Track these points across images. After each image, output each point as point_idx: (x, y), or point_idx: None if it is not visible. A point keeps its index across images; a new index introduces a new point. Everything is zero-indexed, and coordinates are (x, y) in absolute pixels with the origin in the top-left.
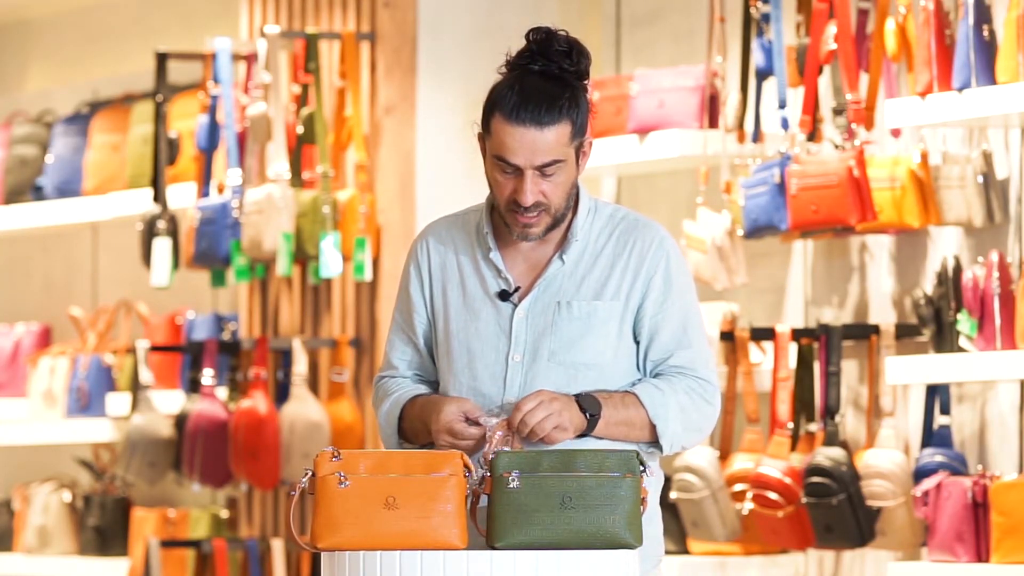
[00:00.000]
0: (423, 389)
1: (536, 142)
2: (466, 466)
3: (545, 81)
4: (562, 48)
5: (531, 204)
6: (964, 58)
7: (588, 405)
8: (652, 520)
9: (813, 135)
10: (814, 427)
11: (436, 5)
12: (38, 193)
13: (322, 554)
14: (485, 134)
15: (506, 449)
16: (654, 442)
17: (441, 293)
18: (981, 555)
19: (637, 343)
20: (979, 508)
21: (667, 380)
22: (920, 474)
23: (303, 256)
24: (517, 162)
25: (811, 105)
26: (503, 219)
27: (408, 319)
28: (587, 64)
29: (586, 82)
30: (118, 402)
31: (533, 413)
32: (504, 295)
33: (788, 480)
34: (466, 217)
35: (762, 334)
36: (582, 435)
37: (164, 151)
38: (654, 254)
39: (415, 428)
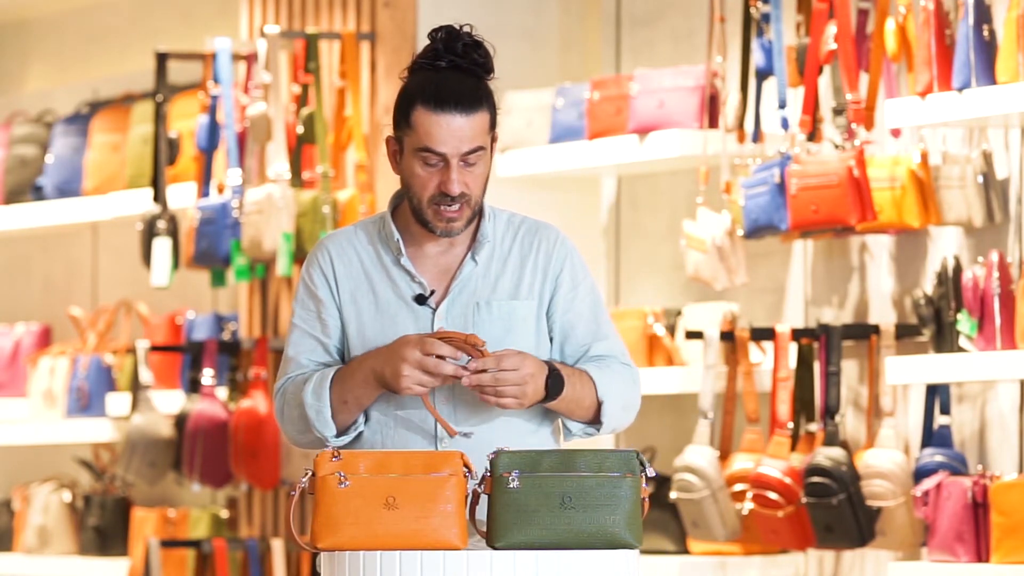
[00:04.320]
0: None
1: (462, 129)
2: (466, 466)
3: (460, 73)
4: (467, 43)
5: (458, 194)
6: (964, 58)
7: (554, 385)
8: None
9: (813, 135)
10: (814, 427)
11: (436, 5)
12: (38, 193)
13: (322, 554)
14: (402, 132)
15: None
16: (591, 422)
17: (351, 301)
18: (981, 555)
19: (551, 340)
20: (979, 508)
21: (604, 363)
22: (920, 474)
23: (303, 256)
24: (444, 150)
25: (811, 105)
26: (421, 218)
27: (319, 321)
28: (492, 59)
29: (492, 77)
30: (118, 402)
31: (505, 376)
32: (421, 299)
33: (788, 480)
34: (362, 228)
35: (762, 334)
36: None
37: (164, 151)
38: (557, 253)
39: (354, 395)
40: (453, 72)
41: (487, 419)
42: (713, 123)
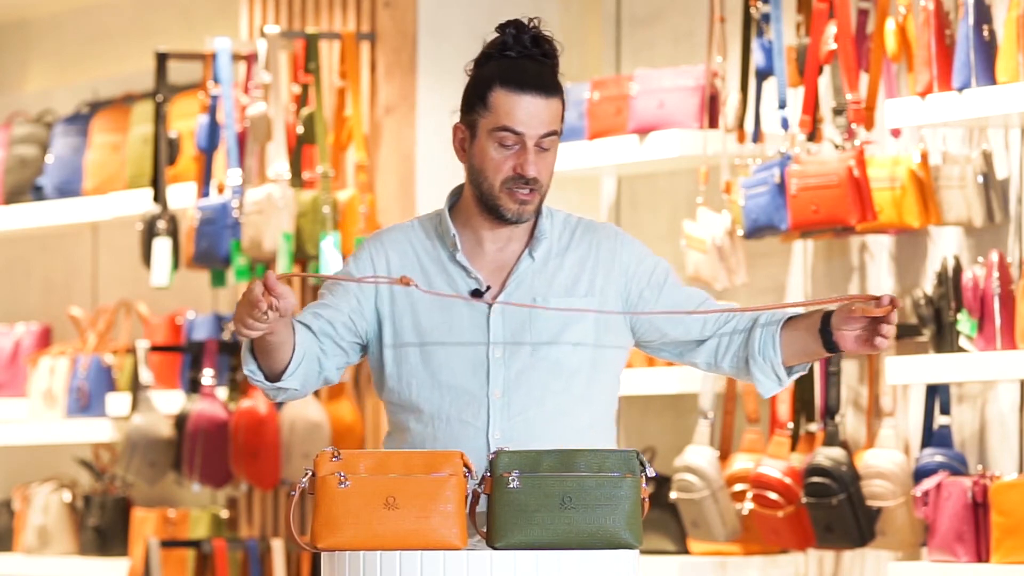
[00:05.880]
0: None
1: (540, 111)
2: (466, 466)
3: (535, 61)
4: (535, 35)
5: (532, 176)
6: (964, 58)
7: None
8: None
9: (813, 135)
10: (814, 427)
11: (436, 5)
12: (38, 193)
13: (322, 554)
14: (477, 115)
15: None
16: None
17: (405, 292)
18: (981, 555)
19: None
20: (979, 508)
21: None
22: (920, 474)
23: (303, 256)
24: (523, 130)
25: (811, 105)
26: (492, 203)
27: (346, 296)
28: (558, 54)
29: (559, 71)
30: (118, 402)
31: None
32: (477, 293)
33: (788, 480)
34: (419, 224)
35: None
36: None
37: (164, 151)
38: (620, 247)
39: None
40: (528, 60)
41: (541, 410)
42: (713, 123)
